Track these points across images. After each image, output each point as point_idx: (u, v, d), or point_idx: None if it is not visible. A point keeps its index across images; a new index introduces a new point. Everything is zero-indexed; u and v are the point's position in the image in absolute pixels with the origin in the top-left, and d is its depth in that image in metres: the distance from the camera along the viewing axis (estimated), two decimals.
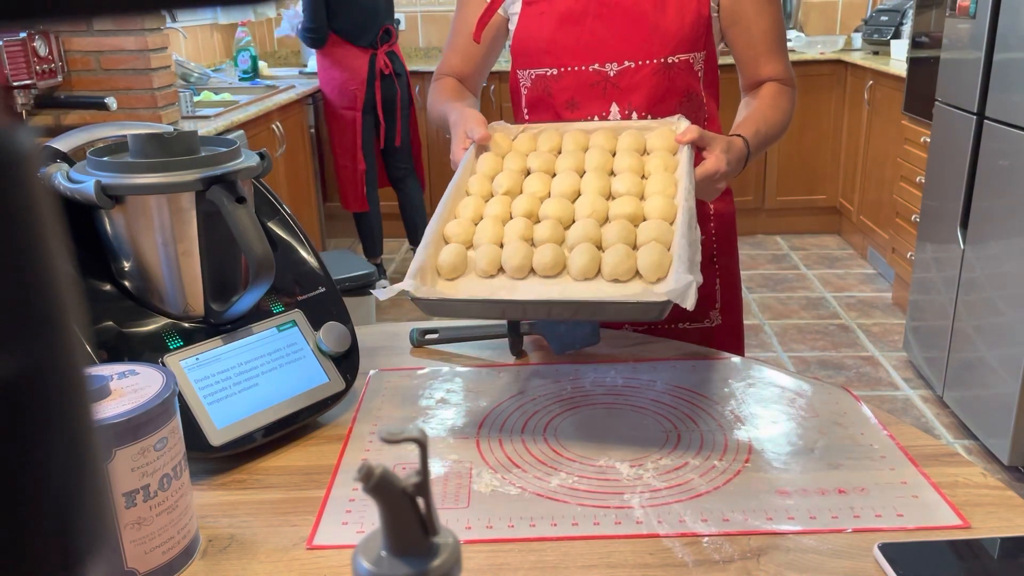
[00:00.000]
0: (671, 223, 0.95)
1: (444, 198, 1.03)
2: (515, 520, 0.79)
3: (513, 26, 1.30)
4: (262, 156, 0.95)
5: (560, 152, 1.12)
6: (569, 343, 1.14)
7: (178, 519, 0.72)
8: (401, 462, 0.89)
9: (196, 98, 3.34)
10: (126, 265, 0.90)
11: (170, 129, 0.92)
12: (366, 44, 3.76)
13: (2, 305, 0.20)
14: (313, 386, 0.94)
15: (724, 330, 1.36)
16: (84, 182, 0.85)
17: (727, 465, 0.87)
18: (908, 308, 3.11)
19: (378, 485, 0.41)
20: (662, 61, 1.22)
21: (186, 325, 0.91)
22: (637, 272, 0.90)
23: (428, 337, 1.20)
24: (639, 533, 0.77)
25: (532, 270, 0.94)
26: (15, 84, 2.33)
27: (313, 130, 4.14)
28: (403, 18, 5.03)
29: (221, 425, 0.87)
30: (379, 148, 4.01)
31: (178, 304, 0.91)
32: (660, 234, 0.93)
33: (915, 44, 3.28)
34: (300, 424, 0.94)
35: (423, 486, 0.43)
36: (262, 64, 4.53)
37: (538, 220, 1.00)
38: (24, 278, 0.20)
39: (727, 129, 1.21)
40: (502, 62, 2.11)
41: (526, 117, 1.32)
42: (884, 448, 0.90)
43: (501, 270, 0.95)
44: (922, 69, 3.19)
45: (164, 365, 0.86)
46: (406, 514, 0.43)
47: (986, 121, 2.54)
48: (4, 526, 0.20)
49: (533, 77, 1.28)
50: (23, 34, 2.34)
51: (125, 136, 0.93)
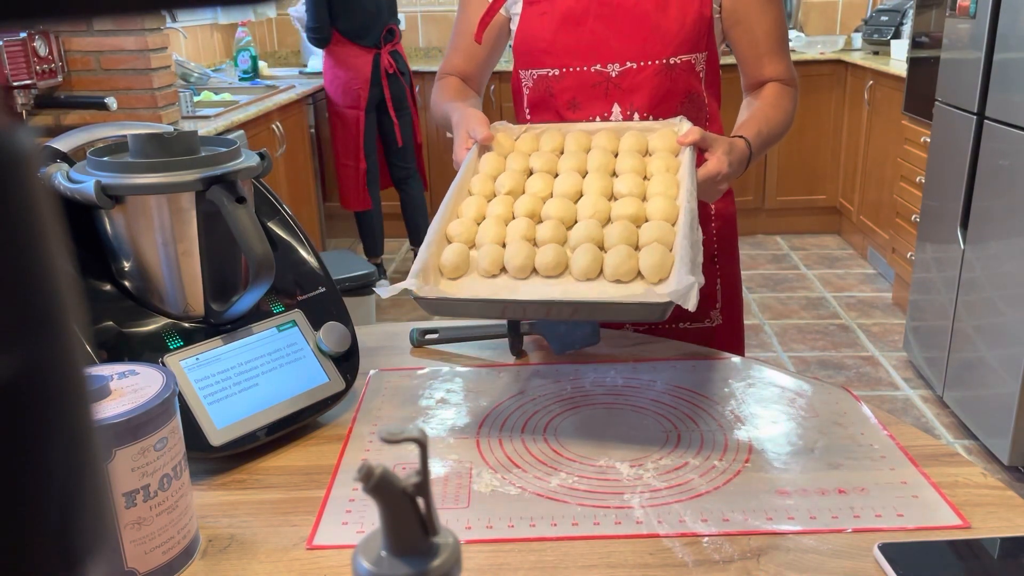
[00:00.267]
0: (673, 224, 0.95)
1: (447, 198, 1.03)
2: (515, 520, 0.79)
3: (515, 26, 1.30)
4: (262, 156, 0.95)
5: (562, 152, 1.12)
6: (569, 343, 1.14)
7: (178, 519, 0.72)
8: (401, 462, 0.89)
9: (196, 98, 3.34)
10: (126, 265, 0.90)
11: (170, 129, 0.92)
12: (370, 44, 3.77)
13: (2, 305, 0.20)
14: (313, 386, 0.94)
15: (725, 330, 1.36)
16: (84, 182, 0.85)
17: (727, 465, 0.87)
18: (908, 308, 3.11)
19: (378, 485, 0.41)
20: (664, 62, 1.22)
21: (186, 325, 0.91)
22: (639, 273, 0.90)
23: (428, 337, 1.20)
24: (639, 533, 0.77)
25: (534, 270, 0.94)
26: (15, 84, 2.33)
27: (313, 130, 4.14)
28: (403, 18, 5.03)
29: (221, 425, 0.87)
30: (381, 148, 4.02)
31: (178, 304, 0.91)
32: (662, 235, 0.93)
33: (915, 44, 3.28)
34: (300, 424, 0.94)
35: (423, 486, 0.43)
36: (262, 64, 4.53)
37: (540, 220, 1.00)
38: (24, 278, 0.20)
39: (729, 129, 1.20)
40: (502, 62, 2.11)
41: (528, 117, 1.32)
42: (884, 448, 0.90)
43: (503, 270, 0.95)
44: (922, 69, 3.19)
45: (164, 365, 0.86)
46: (406, 514, 0.43)
47: (986, 121, 2.54)
48: (4, 526, 0.20)
49: (535, 77, 1.28)
50: (23, 34, 2.34)
51: (125, 136, 0.93)
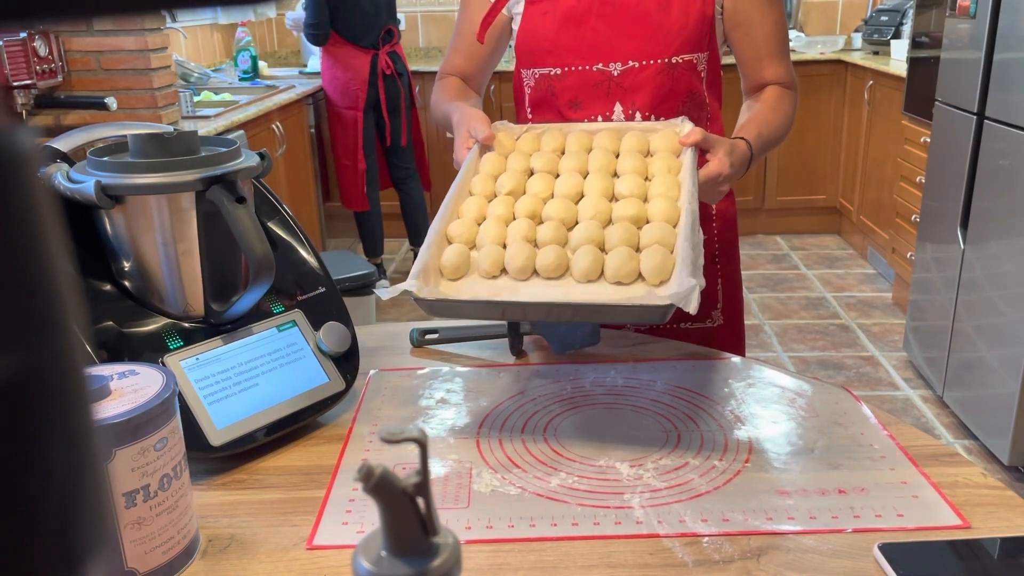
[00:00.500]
0: (674, 226, 0.95)
1: (447, 198, 1.03)
2: (515, 520, 0.79)
3: (516, 26, 1.29)
4: (262, 156, 0.95)
5: (563, 152, 1.12)
6: (569, 343, 1.14)
7: (178, 519, 0.72)
8: (401, 462, 0.89)
9: (196, 98, 3.34)
10: (126, 265, 0.90)
11: (170, 129, 0.92)
12: (368, 44, 3.77)
13: (2, 305, 0.20)
14: (313, 386, 0.94)
15: (725, 330, 1.36)
16: (84, 182, 0.85)
17: (727, 465, 0.87)
18: (908, 308, 3.11)
19: (378, 485, 0.41)
20: (666, 61, 1.22)
21: (186, 325, 0.91)
22: (640, 275, 0.90)
23: (428, 337, 1.20)
24: (639, 533, 0.77)
25: (535, 271, 0.94)
26: (15, 84, 2.33)
27: (313, 130, 4.14)
28: (403, 18, 5.03)
29: (221, 425, 0.87)
30: (381, 148, 4.02)
31: (178, 304, 0.91)
32: (663, 237, 0.92)
33: (915, 44, 3.28)
34: (300, 424, 0.94)
35: (423, 486, 0.43)
36: (262, 64, 4.53)
37: (541, 221, 1.00)
38: (24, 278, 0.20)
39: (729, 129, 1.20)
40: (503, 62, 2.11)
41: (529, 117, 1.32)
42: (884, 448, 0.90)
43: (504, 271, 0.95)
44: (922, 69, 3.19)
45: (164, 365, 0.86)
46: (406, 514, 0.43)
47: (986, 121, 2.54)
48: (4, 526, 0.20)
49: (537, 76, 1.28)
50: (23, 34, 2.34)
51: (125, 136, 0.93)
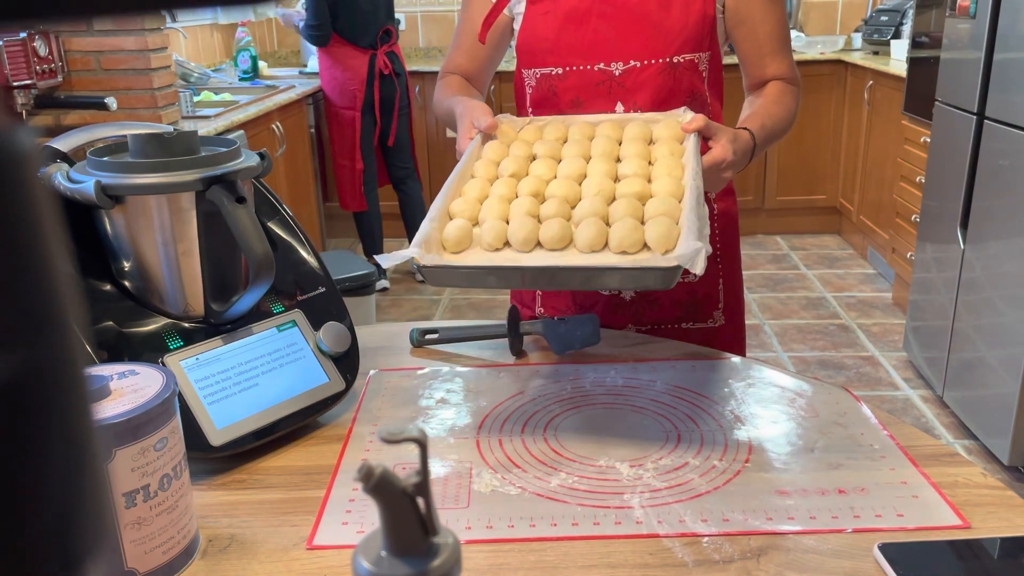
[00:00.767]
0: (679, 201, 0.94)
1: (449, 180, 1.02)
2: (515, 520, 0.79)
3: (517, 26, 1.29)
4: (262, 156, 0.95)
5: (566, 141, 1.12)
6: (569, 343, 1.14)
7: (178, 519, 0.72)
8: (401, 462, 0.89)
9: (196, 98, 3.34)
10: (126, 265, 0.90)
11: (170, 129, 0.92)
12: (366, 44, 3.77)
13: (2, 305, 0.20)
14: (313, 386, 0.94)
15: (727, 330, 1.36)
16: (84, 182, 0.85)
17: (727, 465, 0.87)
18: (908, 308, 3.11)
19: (378, 485, 0.41)
20: (667, 61, 1.22)
21: (186, 325, 0.91)
22: (645, 245, 0.89)
23: (428, 337, 1.20)
24: (639, 533, 0.77)
25: (538, 244, 0.93)
26: (15, 84, 2.33)
27: (313, 130, 4.14)
28: (403, 18, 5.03)
29: (221, 425, 0.87)
30: (380, 148, 4.02)
31: (178, 304, 0.91)
32: (668, 209, 0.91)
33: (915, 44, 3.28)
34: (300, 424, 0.94)
35: (423, 486, 0.43)
36: (262, 64, 4.53)
37: (544, 199, 0.99)
38: (24, 278, 0.20)
39: (731, 127, 1.20)
40: (503, 62, 2.11)
41: (531, 116, 1.31)
42: (884, 448, 0.90)
43: (507, 245, 0.94)
44: (922, 69, 3.19)
45: (164, 365, 0.86)
46: (406, 514, 0.43)
47: (986, 121, 2.54)
48: (4, 526, 0.20)
49: (538, 76, 1.28)
50: (23, 34, 2.34)
51: (125, 136, 0.93)
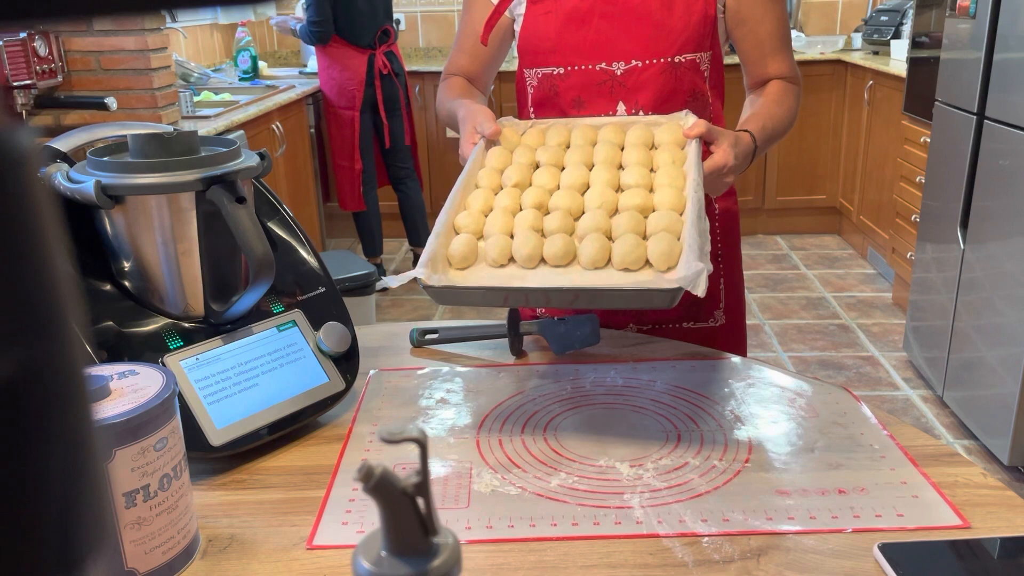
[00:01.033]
0: (680, 214, 0.95)
1: (453, 191, 1.03)
2: (515, 520, 0.79)
3: (518, 27, 1.29)
4: (262, 156, 0.95)
5: (568, 147, 1.12)
6: (569, 343, 1.14)
7: (178, 519, 0.72)
8: (401, 462, 0.89)
9: (196, 98, 3.34)
10: (126, 265, 0.90)
11: (170, 129, 0.92)
12: (365, 44, 3.78)
13: (2, 305, 0.20)
14: (313, 386, 0.94)
15: (727, 330, 1.36)
16: (84, 182, 0.85)
17: (727, 465, 0.87)
18: (908, 308, 3.11)
19: (378, 485, 0.41)
20: (669, 60, 1.22)
21: (186, 325, 0.91)
22: (647, 261, 0.90)
23: (428, 337, 1.20)
24: (639, 533, 0.77)
25: (542, 260, 0.94)
26: (15, 84, 2.33)
27: (313, 130, 4.14)
28: (403, 18, 5.03)
29: (221, 425, 0.87)
30: (379, 148, 4.02)
31: (178, 304, 0.91)
32: (670, 224, 0.92)
33: (915, 44, 3.28)
34: (300, 424, 0.94)
35: (423, 486, 0.43)
36: (262, 64, 4.53)
37: (547, 211, 0.99)
38: (24, 278, 0.20)
39: (732, 127, 1.21)
40: (504, 62, 2.11)
41: (532, 116, 1.31)
42: (884, 448, 0.90)
43: (512, 260, 0.95)
44: (922, 69, 3.19)
45: (164, 365, 0.86)
46: (406, 514, 0.43)
47: (986, 121, 2.54)
48: (4, 526, 0.20)
49: (539, 76, 1.28)
50: (23, 34, 2.34)
51: (125, 136, 0.93)
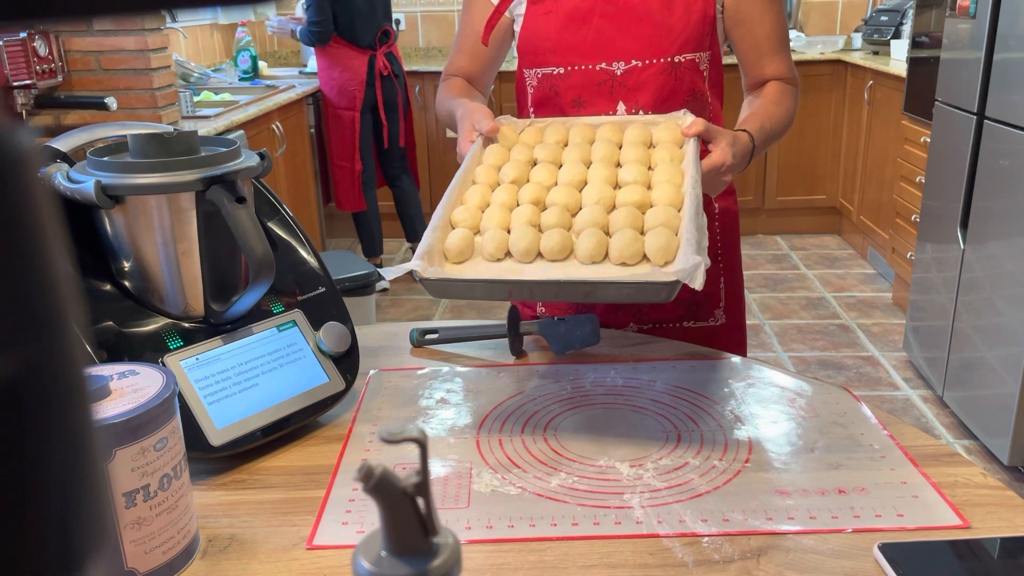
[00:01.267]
0: (678, 210, 0.95)
1: (451, 186, 1.02)
2: (515, 520, 0.79)
3: (518, 27, 1.29)
4: (262, 156, 0.95)
5: (567, 144, 1.12)
6: (569, 343, 1.14)
7: (178, 519, 0.72)
8: (401, 462, 0.89)
9: (196, 98, 3.33)
10: (126, 265, 0.90)
11: (170, 129, 0.92)
12: (365, 45, 3.78)
13: (2, 305, 0.20)
14: (313, 386, 0.94)
15: (727, 329, 1.36)
16: (84, 182, 0.85)
17: (727, 465, 0.87)
18: (908, 308, 3.11)
19: (378, 485, 0.41)
20: (669, 60, 1.22)
21: (186, 325, 0.91)
22: (644, 256, 0.90)
23: (428, 337, 1.20)
24: (639, 533, 0.77)
25: (539, 254, 0.94)
26: (15, 84, 2.32)
27: (313, 130, 4.14)
28: (403, 18, 5.03)
29: (221, 425, 0.87)
30: (376, 148, 4.02)
31: (178, 304, 0.91)
32: (667, 219, 0.92)
33: (915, 44, 3.28)
34: (300, 424, 0.94)
35: (423, 486, 0.43)
36: (262, 64, 4.53)
37: (545, 207, 0.99)
38: (24, 278, 0.20)
39: (731, 127, 1.21)
40: (504, 62, 2.11)
41: (532, 116, 1.31)
42: (884, 448, 0.90)
43: (508, 254, 0.94)
44: (922, 69, 3.19)
45: (164, 365, 0.86)
46: (406, 514, 0.43)
47: (986, 121, 2.54)
48: (4, 526, 0.20)
49: (539, 76, 1.28)
50: (23, 34, 2.33)
51: (125, 136, 0.93)
